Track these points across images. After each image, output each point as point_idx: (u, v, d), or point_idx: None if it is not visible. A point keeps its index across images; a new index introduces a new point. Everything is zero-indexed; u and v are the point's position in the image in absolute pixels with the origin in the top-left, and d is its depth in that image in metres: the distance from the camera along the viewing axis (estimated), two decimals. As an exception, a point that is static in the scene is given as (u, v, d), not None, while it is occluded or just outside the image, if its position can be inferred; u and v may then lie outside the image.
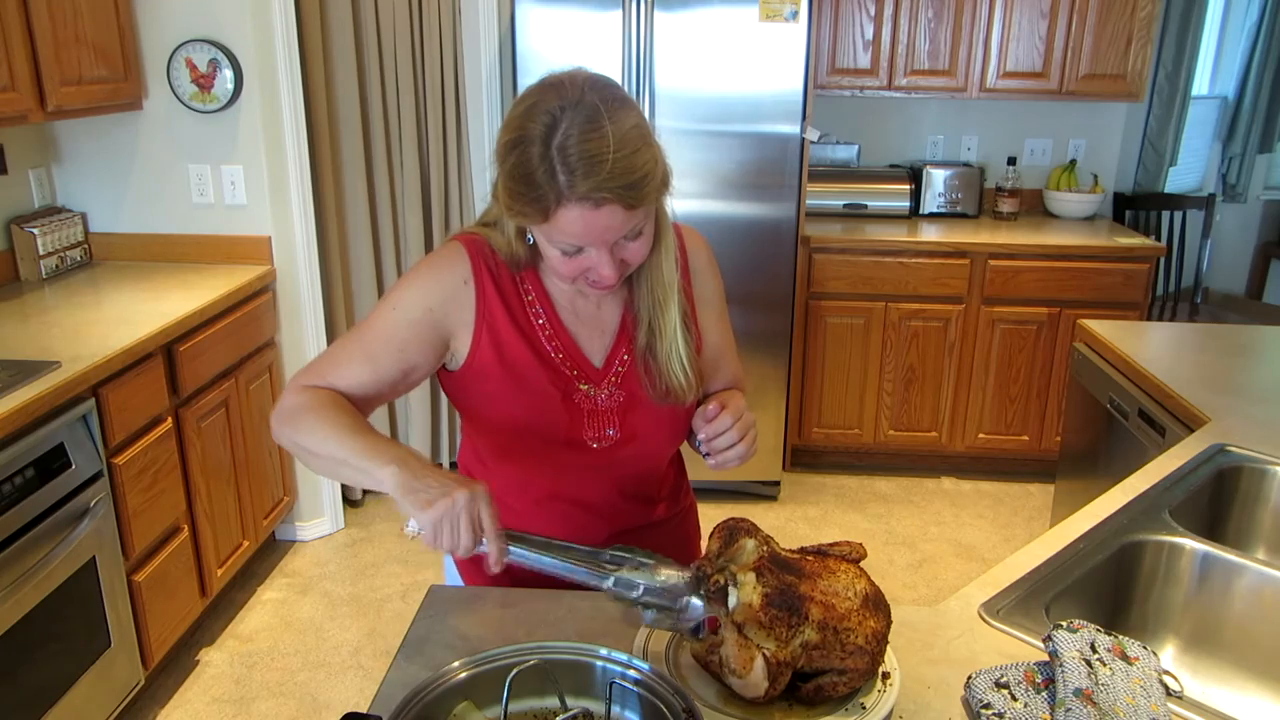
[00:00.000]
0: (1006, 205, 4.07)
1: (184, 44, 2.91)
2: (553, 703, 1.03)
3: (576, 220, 1.08)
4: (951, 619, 1.24)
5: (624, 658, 1.03)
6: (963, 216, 4.06)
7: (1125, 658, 1.07)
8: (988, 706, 1.04)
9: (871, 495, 3.80)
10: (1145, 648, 1.10)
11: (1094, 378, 2.43)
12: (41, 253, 2.89)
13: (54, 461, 2.08)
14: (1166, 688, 1.06)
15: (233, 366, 2.86)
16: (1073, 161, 4.18)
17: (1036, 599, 1.28)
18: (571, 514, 1.35)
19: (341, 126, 3.32)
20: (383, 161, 3.45)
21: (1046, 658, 1.09)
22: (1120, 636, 1.10)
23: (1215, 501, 1.71)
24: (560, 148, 1.05)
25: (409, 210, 3.51)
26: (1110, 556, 1.42)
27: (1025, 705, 1.04)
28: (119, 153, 3.05)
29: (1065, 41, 3.73)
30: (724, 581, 1.03)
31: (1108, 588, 1.44)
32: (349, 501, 3.59)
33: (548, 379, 1.26)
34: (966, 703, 1.07)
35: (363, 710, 1.00)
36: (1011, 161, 4.08)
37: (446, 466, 3.87)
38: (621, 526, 1.37)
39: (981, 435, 3.84)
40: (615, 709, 1.01)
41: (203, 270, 3.02)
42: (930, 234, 3.77)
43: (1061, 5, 3.69)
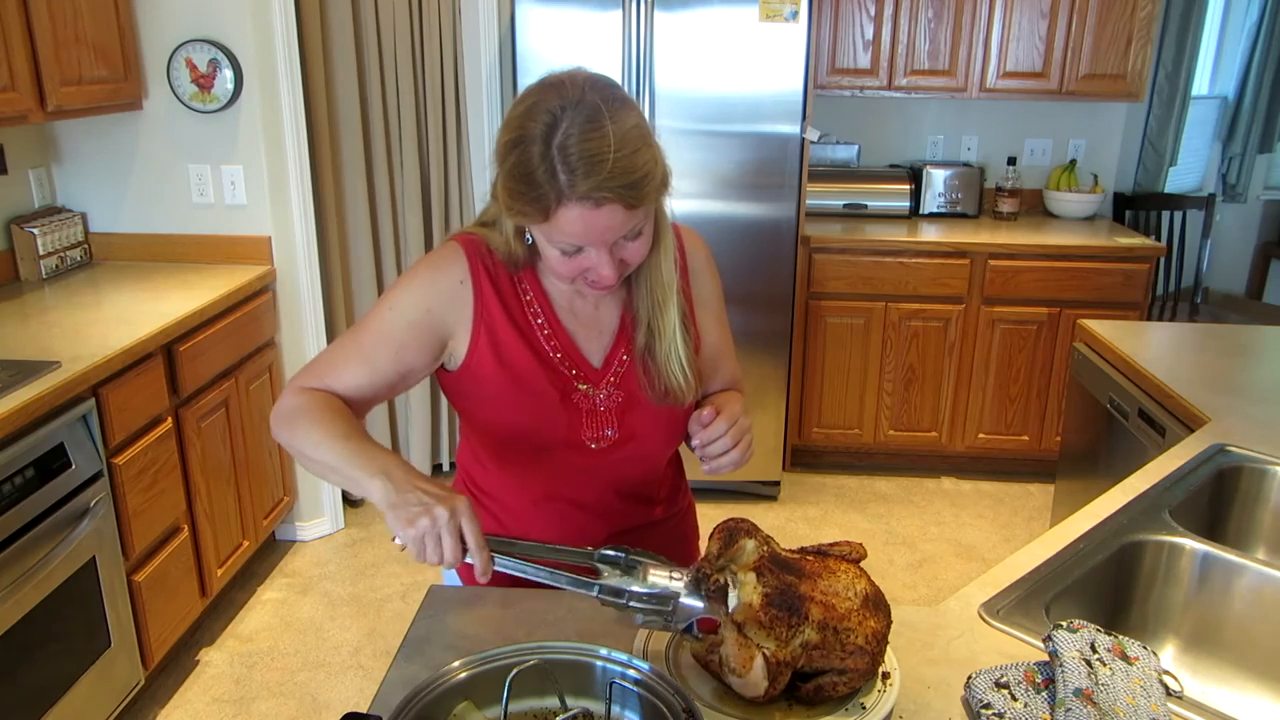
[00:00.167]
0: (1006, 205, 4.07)
1: (184, 44, 2.91)
2: (553, 703, 1.03)
3: (576, 220, 1.08)
4: (951, 619, 1.24)
5: (624, 658, 1.03)
6: (963, 216, 4.06)
7: (1125, 658, 1.07)
8: (988, 706, 1.04)
9: (871, 495, 3.80)
10: (1145, 648, 1.10)
11: (1094, 378, 2.43)
12: (41, 253, 2.89)
13: (54, 461, 2.08)
14: (1166, 688, 1.06)
15: (233, 366, 2.86)
16: (1073, 161, 4.18)
17: (1036, 599, 1.28)
18: (570, 514, 1.35)
19: (341, 126, 3.33)
20: (383, 161, 3.45)
21: (1046, 658, 1.09)
22: (1120, 636, 1.10)
23: (1215, 501, 1.71)
24: (561, 147, 1.05)
25: (409, 210, 3.51)
26: (1110, 556, 1.42)
27: (1025, 705, 1.04)
28: (119, 153, 3.05)
29: (1065, 41, 3.73)
30: (724, 581, 1.03)
31: (1108, 588, 1.44)
32: (349, 502, 3.59)
33: (546, 379, 1.26)
34: (966, 703, 1.07)
35: (363, 710, 1.00)
36: (1011, 161, 4.08)
37: (446, 467, 3.87)
38: (620, 526, 1.37)
39: (981, 435, 3.84)
40: (615, 709, 1.01)
41: (203, 270, 3.02)
42: (930, 234, 3.77)
43: (1061, 5, 3.70)
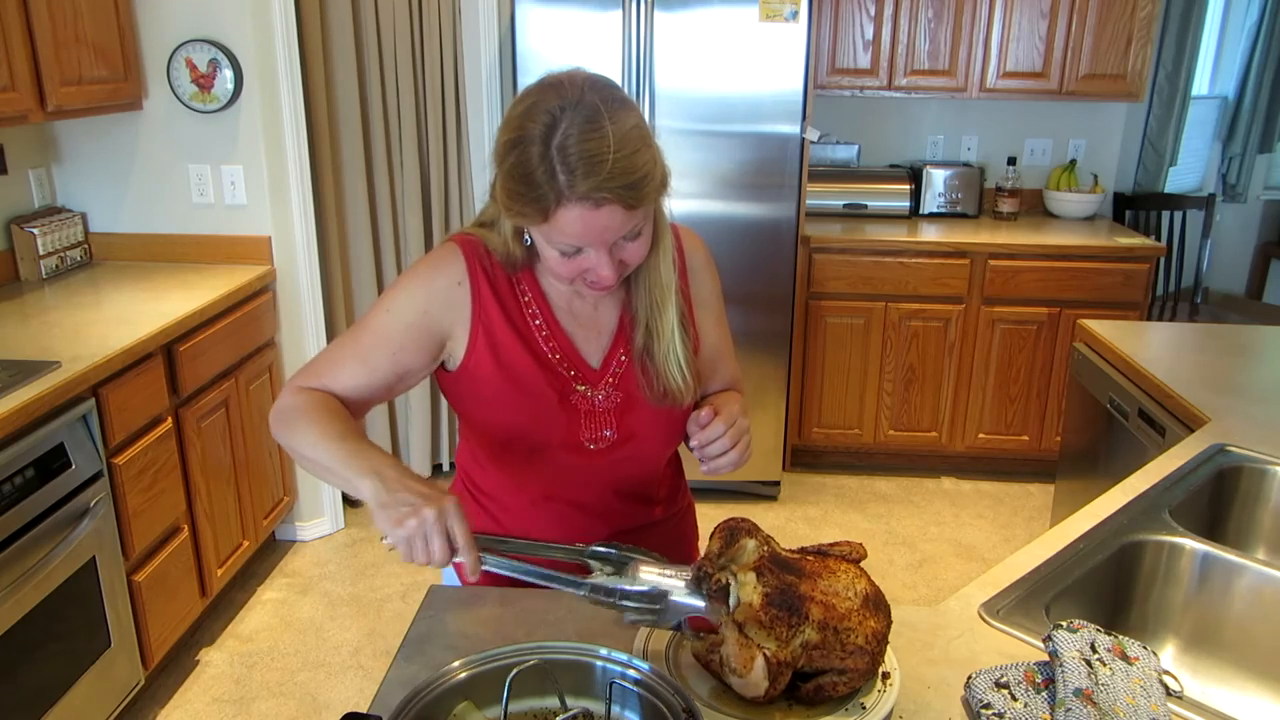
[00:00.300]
0: (1006, 205, 4.07)
1: (184, 44, 2.91)
2: (553, 703, 1.03)
3: (576, 220, 1.08)
4: (951, 619, 1.24)
5: (624, 658, 1.03)
6: (963, 216, 4.06)
7: (1125, 658, 1.07)
8: (988, 706, 1.04)
9: (871, 495, 3.80)
10: (1145, 648, 1.10)
11: (1094, 378, 2.43)
12: (41, 253, 2.89)
13: (54, 461, 2.08)
14: (1166, 688, 1.06)
15: (233, 366, 2.86)
16: (1073, 161, 4.18)
17: (1036, 599, 1.28)
18: (569, 514, 1.34)
19: (341, 126, 3.32)
20: (383, 161, 3.45)
21: (1046, 658, 1.09)
22: (1120, 636, 1.10)
23: (1215, 501, 1.71)
24: (560, 147, 1.05)
25: (409, 210, 3.51)
26: (1110, 556, 1.42)
27: (1025, 705, 1.04)
28: (119, 153, 3.05)
29: (1065, 41, 3.73)
30: (725, 581, 1.03)
31: (1108, 588, 1.44)
32: (349, 502, 3.59)
33: (545, 380, 1.25)
34: (966, 703, 1.07)
35: (363, 710, 1.00)
36: (1011, 161, 4.08)
37: (446, 467, 3.87)
38: (619, 527, 1.37)
39: (981, 435, 3.84)
40: (615, 709, 1.01)
41: (203, 270, 3.02)
42: (930, 234, 3.77)
43: (1061, 5, 3.69)
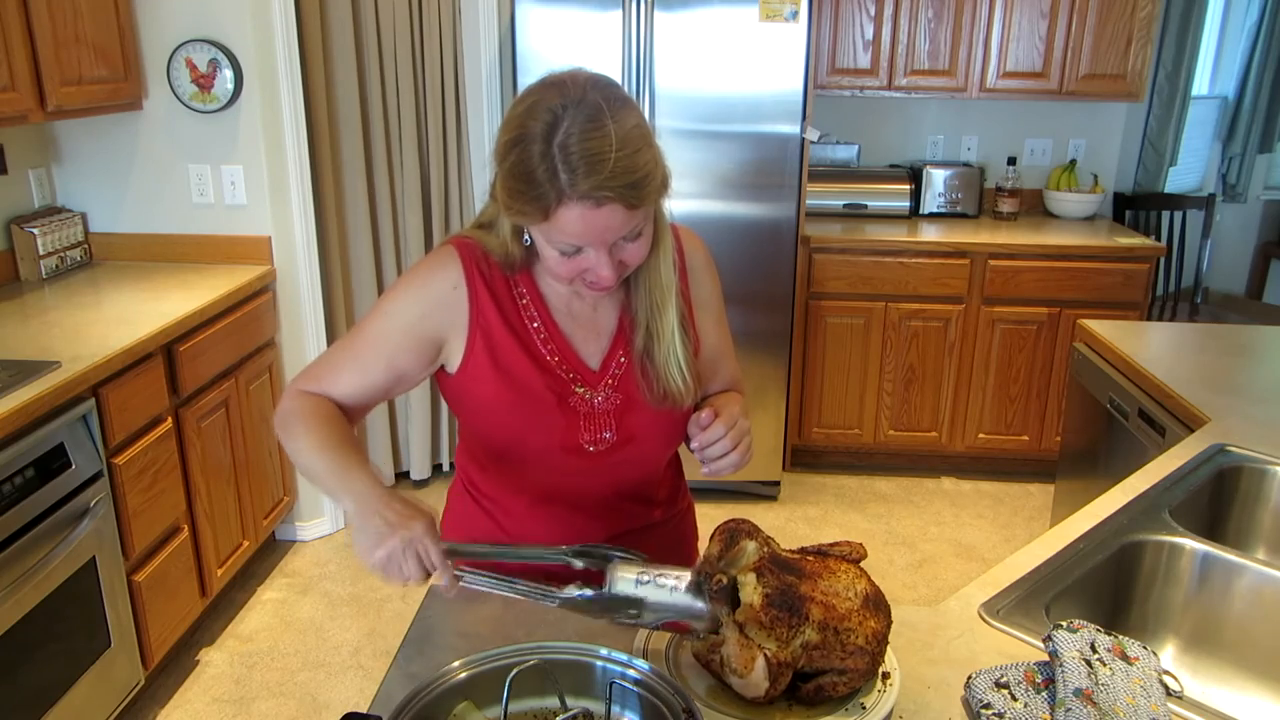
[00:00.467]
0: (1006, 205, 4.07)
1: (184, 44, 2.91)
2: (553, 703, 1.03)
3: (577, 220, 1.07)
4: (951, 619, 1.24)
5: (624, 658, 1.03)
6: (963, 216, 4.06)
7: (1125, 658, 1.07)
8: (988, 706, 1.04)
9: (871, 495, 3.80)
10: (1145, 648, 1.10)
11: (1094, 378, 2.43)
12: (41, 253, 2.89)
13: (54, 461, 2.08)
14: (1166, 688, 1.06)
15: (233, 366, 2.86)
16: (1073, 161, 4.18)
17: (1036, 599, 1.28)
18: (569, 516, 1.34)
19: (341, 126, 3.32)
20: (383, 161, 3.45)
21: (1046, 658, 1.09)
22: (1120, 636, 1.10)
23: (1215, 501, 1.71)
24: (562, 146, 1.05)
25: (409, 210, 3.51)
26: (1110, 556, 1.42)
27: (1025, 705, 1.04)
28: (119, 153, 3.05)
29: (1065, 41, 3.73)
30: (726, 581, 1.03)
31: (1108, 588, 1.44)
32: (349, 501, 3.58)
33: (543, 383, 1.25)
34: (966, 703, 1.07)
35: (363, 710, 1.01)
36: (1011, 161, 4.08)
37: (446, 467, 3.87)
38: (619, 529, 1.36)
39: (981, 435, 3.84)
40: (615, 709, 1.01)
41: (203, 270, 3.02)
42: (930, 234, 3.77)
43: (1061, 5, 3.69)
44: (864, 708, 1.02)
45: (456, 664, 1.03)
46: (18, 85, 2.35)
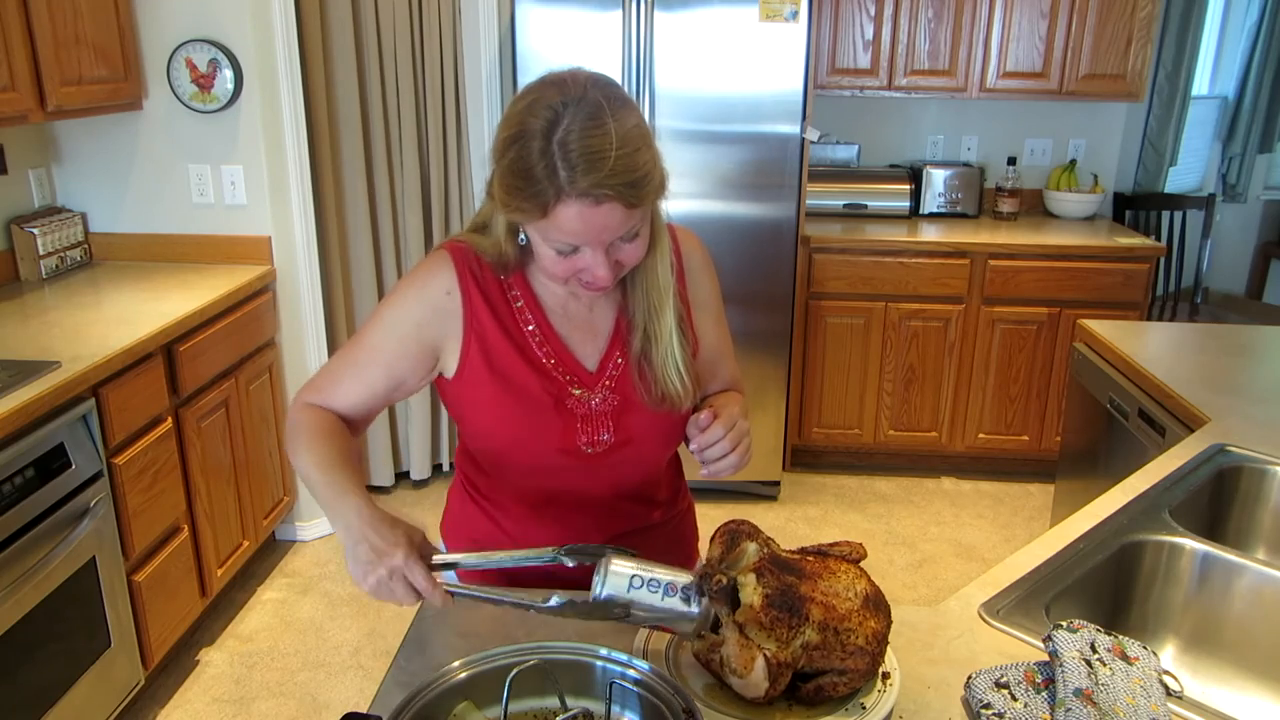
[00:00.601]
0: (1006, 205, 4.07)
1: (184, 44, 2.91)
2: (553, 703, 1.03)
3: (575, 217, 1.07)
4: (951, 619, 1.24)
5: (624, 658, 1.03)
6: (963, 216, 4.06)
7: (1125, 658, 1.07)
8: (988, 706, 1.04)
9: (871, 495, 3.80)
10: (1145, 648, 1.10)
11: (1094, 378, 2.43)
12: (41, 253, 2.89)
13: (54, 461, 2.08)
14: (1166, 688, 1.06)
15: (233, 366, 2.86)
16: (1073, 161, 4.18)
17: (1036, 599, 1.28)
18: (568, 518, 1.34)
19: (341, 126, 3.32)
20: (383, 161, 3.44)
21: (1046, 658, 1.09)
22: (1120, 636, 1.10)
23: (1215, 501, 1.71)
24: (562, 143, 1.04)
25: (409, 210, 3.51)
26: (1110, 556, 1.42)
27: (1025, 705, 1.04)
28: (119, 153, 3.05)
29: (1065, 41, 3.73)
30: (726, 581, 1.03)
31: (1108, 588, 1.44)
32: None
33: (540, 386, 1.25)
34: (966, 703, 1.07)
35: (363, 710, 1.01)
36: (1011, 161, 4.08)
37: (446, 467, 3.87)
38: (620, 529, 1.36)
39: (981, 435, 3.84)
40: (615, 709, 1.01)
41: (203, 270, 3.02)
42: (930, 234, 3.77)
43: (1061, 5, 3.69)
44: (864, 708, 1.02)
45: (456, 664, 1.03)
46: (18, 85, 2.35)
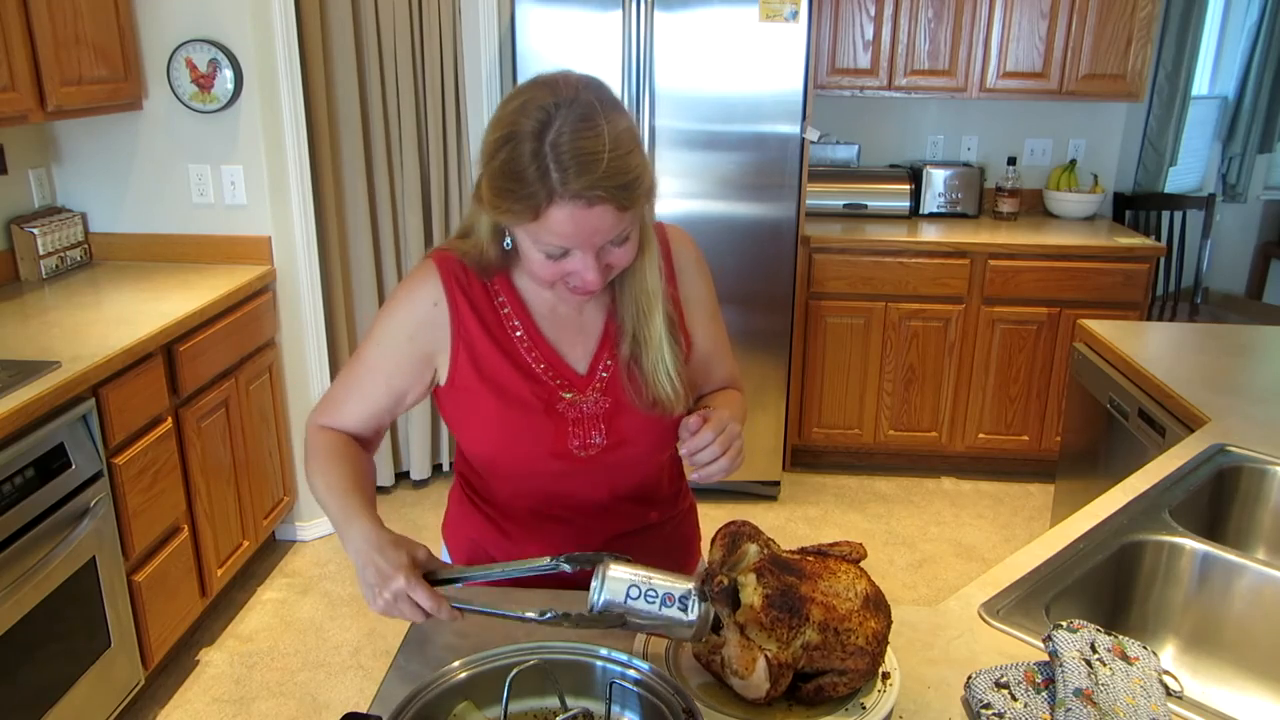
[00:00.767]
0: (1006, 205, 4.07)
1: (184, 44, 2.91)
2: (553, 703, 1.03)
3: (567, 220, 1.06)
4: (951, 619, 1.24)
5: (624, 658, 1.03)
6: (963, 216, 4.06)
7: (1125, 658, 1.07)
8: (988, 706, 1.04)
9: (871, 495, 3.80)
10: (1145, 648, 1.10)
11: (1094, 378, 2.43)
12: (41, 253, 2.89)
13: (54, 461, 2.08)
14: (1166, 688, 1.06)
15: (233, 366, 2.86)
16: (1073, 161, 4.18)
17: (1036, 599, 1.28)
18: (567, 519, 1.34)
19: (341, 126, 3.32)
20: (383, 161, 3.45)
21: (1046, 658, 1.09)
22: (1120, 636, 1.10)
23: (1215, 501, 1.71)
24: (554, 144, 1.04)
25: (409, 210, 3.51)
26: (1110, 556, 1.42)
27: (1025, 705, 1.04)
28: (119, 153, 3.05)
29: (1065, 41, 3.73)
30: (727, 582, 1.02)
31: (1108, 588, 1.44)
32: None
33: (530, 391, 1.25)
34: (966, 703, 1.07)
35: (363, 710, 1.01)
36: (1011, 161, 4.08)
37: (446, 467, 3.87)
38: (619, 530, 1.36)
39: (981, 435, 3.84)
40: (615, 709, 1.01)
41: (203, 270, 3.02)
42: (930, 234, 3.77)
43: (1061, 5, 3.69)
44: (864, 708, 1.02)
45: (456, 664, 1.03)
46: (18, 85, 2.35)
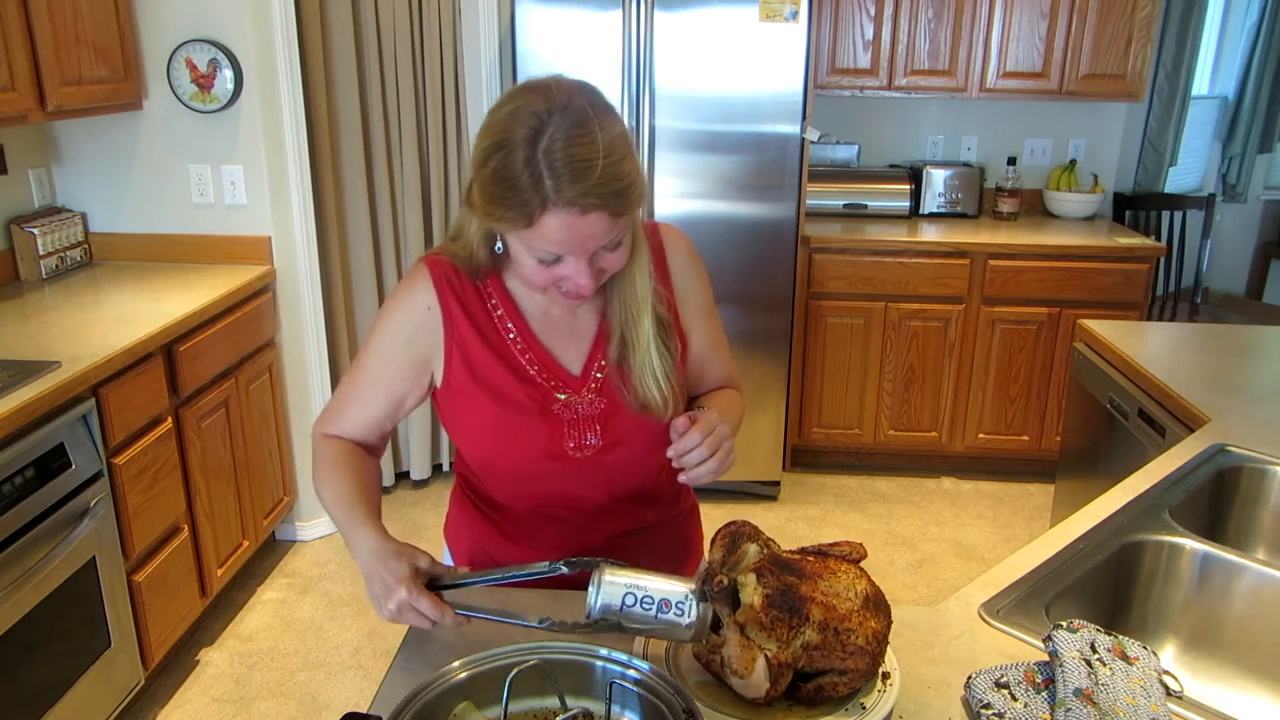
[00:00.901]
0: (1006, 205, 4.07)
1: (184, 44, 2.91)
2: (553, 703, 1.03)
3: (560, 227, 1.06)
4: (951, 619, 1.24)
5: (624, 658, 1.03)
6: (963, 216, 4.06)
7: (1125, 658, 1.07)
8: (988, 706, 1.04)
9: (871, 495, 3.80)
10: (1145, 648, 1.10)
11: (1094, 378, 2.43)
12: (41, 253, 2.89)
13: (54, 461, 2.08)
14: (1166, 688, 1.06)
15: (233, 366, 2.86)
16: (1073, 161, 4.18)
17: (1036, 599, 1.28)
18: (566, 519, 1.34)
19: (341, 126, 3.32)
20: (383, 161, 3.45)
21: (1046, 658, 1.09)
22: (1120, 636, 1.10)
23: (1215, 501, 1.71)
24: (547, 151, 1.03)
25: (409, 210, 3.51)
26: (1110, 556, 1.42)
27: (1025, 705, 1.04)
28: (119, 153, 3.05)
29: (1065, 41, 3.73)
30: (727, 582, 1.02)
31: (1108, 588, 1.44)
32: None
33: (524, 393, 1.24)
34: (966, 703, 1.07)
35: (363, 710, 1.01)
36: (1011, 161, 4.08)
37: (446, 467, 3.87)
38: (619, 530, 1.36)
39: (981, 435, 3.84)
40: (615, 709, 1.01)
41: (203, 270, 3.02)
42: (930, 234, 3.77)
43: (1061, 5, 3.70)
44: (864, 708, 1.02)
45: (456, 664, 1.03)
46: (18, 85, 2.35)
